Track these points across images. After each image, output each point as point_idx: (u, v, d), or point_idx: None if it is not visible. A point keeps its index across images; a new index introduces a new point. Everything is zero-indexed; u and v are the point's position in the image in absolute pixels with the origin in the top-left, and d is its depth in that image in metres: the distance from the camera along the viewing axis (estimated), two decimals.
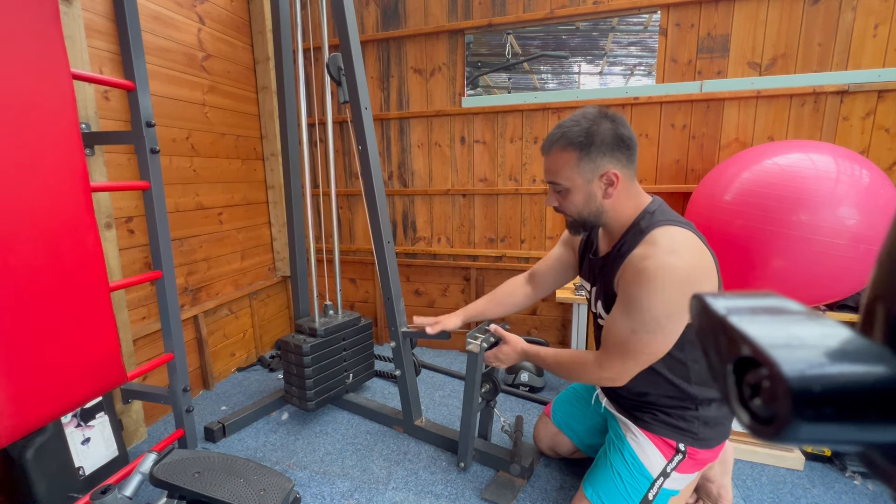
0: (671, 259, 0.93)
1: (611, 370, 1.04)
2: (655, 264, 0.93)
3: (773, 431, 0.17)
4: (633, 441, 1.16)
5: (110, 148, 1.64)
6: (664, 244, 0.95)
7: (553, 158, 1.04)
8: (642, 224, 1.02)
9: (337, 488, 1.49)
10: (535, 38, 2.21)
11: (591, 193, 1.03)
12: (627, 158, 1.01)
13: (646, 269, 0.94)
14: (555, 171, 1.04)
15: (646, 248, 0.97)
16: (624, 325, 0.99)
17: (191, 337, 2.08)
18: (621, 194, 1.03)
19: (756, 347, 0.18)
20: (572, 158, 1.00)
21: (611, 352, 1.03)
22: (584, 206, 1.04)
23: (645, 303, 0.95)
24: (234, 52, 2.30)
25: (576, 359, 1.13)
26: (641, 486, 1.12)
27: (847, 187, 1.39)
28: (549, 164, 1.05)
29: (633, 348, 0.99)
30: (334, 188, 1.90)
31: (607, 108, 1.05)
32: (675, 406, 1.10)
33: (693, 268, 0.94)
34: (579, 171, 1.01)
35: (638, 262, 0.96)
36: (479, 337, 1.42)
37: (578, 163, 1.00)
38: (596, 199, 1.03)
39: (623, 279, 1.01)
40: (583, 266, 1.28)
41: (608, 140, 0.99)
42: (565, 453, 1.51)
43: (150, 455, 1.20)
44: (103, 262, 1.18)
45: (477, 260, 2.47)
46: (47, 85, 1.04)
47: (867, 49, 1.80)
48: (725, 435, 1.13)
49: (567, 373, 1.15)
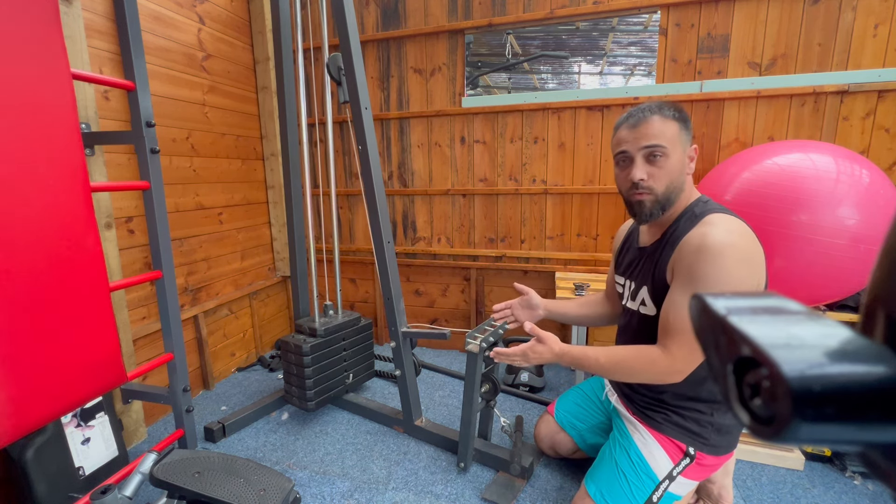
0: (733, 238, 0.94)
1: (682, 360, 0.97)
2: (719, 240, 0.94)
3: (773, 431, 0.17)
4: (641, 441, 1.15)
5: (110, 148, 1.64)
6: (722, 226, 0.97)
7: (655, 124, 1.03)
8: (696, 210, 1.05)
9: (337, 488, 1.49)
10: (535, 38, 2.21)
11: (683, 164, 1.05)
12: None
13: (709, 245, 0.94)
14: (658, 133, 1.03)
15: (704, 229, 0.98)
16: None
17: (191, 337, 2.08)
18: (689, 177, 1.08)
19: (756, 347, 0.18)
20: (675, 127, 1.03)
21: (680, 338, 0.97)
22: (677, 174, 1.04)
23: (712, 278, 0.92)
24: (234, 52, 2.30)
25: (641, 355, 1.03)
26: (646, 488, 1.11)
27: (847, 187, 1.39)
28: (649, 129, 1.03)
29: None
30: (334, 188, 1.90)
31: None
32: (690, 409, 1.09)
33: (753, 249, 0.96)
34: (680, 141, 1.04)
35: (699, 240, 0.96)
36: (479, 336, 1.41)
37: (680, 133, 1.04)
38: (683, 172, 1.06)
39: (681, 260, 0.99)
40: (620, 263, 1.26)
41: (689, 122, 1.06)
42: (565, 453, 1.51)
43: (150, 455, 1.20)
44: (103, 262, 1.17)
45: (477, 260, 2.47)
46: (47, 85, 1.04)
47: (867, 49, 1.79)
48: (735, 444, 1.13)
49: (629, 373, 1.05)
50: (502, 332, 1.50)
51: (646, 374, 1.03)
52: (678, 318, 0.98)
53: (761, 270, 0.97)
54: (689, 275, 0.96)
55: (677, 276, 1.00)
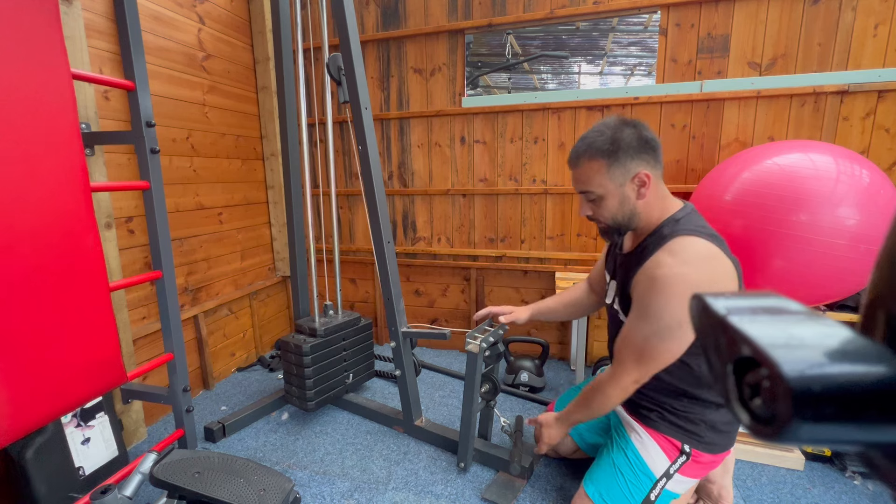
0: (685, 269, 0.95)
1: (626, 377, 1.05)
2: (668, 273, 0.95)
3: (773, 431, 0.17)
4: (637, 440, 1.16)
5: (110, 148, 1.64)
6: (680, 254, 0.97)
7: (582, 170, 1.06)
8: (665, 230, 1.04)
9: (337, 488, 1.49)
10: (535, 38, 2.21)
11: (624, 196, 1.04)
12: (654, 159, 1.03)
13: (658, 278, 0.97)
14: (585, 180, 1.05)
15: (661, 256, 0.99)
16: (638, 331, 1.01)
17: (191, 337, 2.08)
18: (652, 195, 1.05)
19: (756, 347, 0.18)
20: (602, 166, 1.02)
21: (626, 359, 1.05)
22: (618, 210, 1.05)
23: (656, 310, 0.97)
24: (234, 52, 2.30)
25: (594, 385, 1.14)
26: (644, 486, 1.12)
27: (847, 187, 1.39)
28: (579, 175, 1.07)
29: (646, 354, 1.01)
30: (334, 188, 1.90)
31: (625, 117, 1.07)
32: (682, 407, 1.10)
33: (707, 279, 0.95)
34: (610, 177, 1.03)
35: (652, 270, 0.99)
36: (479, 337, 1.42)
37: (608, 169, 1.02)
38: (630, 201, 1.05)
39: (638, 285, 1.03)
40: (608, 260, 1.30)
41: (633, 143, 1.01)
42: (566, 453, 1.51)
43: (150, 455, 1.20)
44: (103, 262, 1.17)
45: (477, 260, 2.47)
46: (47, 85, 1.04)
47: (867, 49, 1.79)
48: (731, 442, 1.13)
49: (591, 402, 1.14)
50: (502, 333, 1.51)
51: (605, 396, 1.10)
52: (626, 339, 1.05)
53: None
54: (640, 303, 1.02)
55: (633, 301, 1.06)
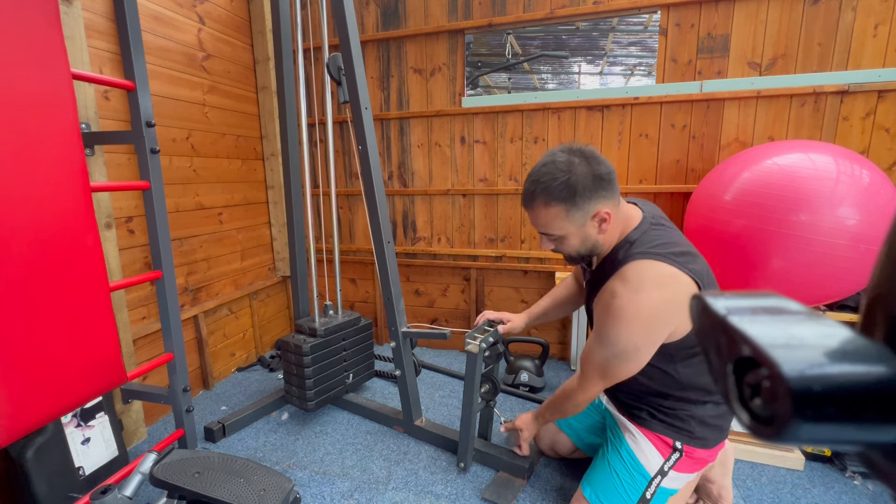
0: (636, 297, 0.97)
1: (593, 389, 1.11)
2: (621, 303, 0.98)
3: (773, 431, 0.17)
4: (631, 440, 1.17)
5: (110, 148, 1.64)
6: (632, 281, 0.98)
7: (538, 213, 1.05)
8: (620, 255, 1.05)
9: (337, 488, 1.49)
10: (535, 38, 2.21)
11: (585, 235, 1.05)
12: (611, 191, 1.02)
13: (612, 307, 1.00)
14: (544, 223, 1.05)
15: (615, 284, 1.01)
16: (599, 352, 1.06)
17: (191, 337, 2.08)
18: (612, 225, 1.05)
19: (756, 347, 0.18)
20: (560, 211, 1.01)
21: (590, 374, 1.10)
22: (581, 246, 1.07)
23: (613, 337, 1.01)
24: (234, 52, 2.30)
25: (563, 391, 1.21)
26: (639, 485, 1.13)
27: (847, 187, 1.39)
28: (536, 218, 1.06)
29: (608, 372, 1.07)
30: (334, 188, 1.90)
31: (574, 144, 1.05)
32: (669, 405, 1.11)
33: (658, 304, 0.97)
34: (570, 221, 1.02)
35: (607, 299, 1.02)
36: (479, 337, 1.42)
37: (567, 214, 1.01)
38: (591, 237, 1.06)
39: (597, 308, 1.08)
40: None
41: (588, 184, 0.99)
42: (565, 453, 1.51)
43: (150, 455, 1.20)
44: (103, 262, 1.17)
45: (477, 260, 2.47)
46: (47, 85, 1.04)
47: (867, 49, 1.79)
48: (723, 436, 1.14)
49: (561, 407, 1.22)
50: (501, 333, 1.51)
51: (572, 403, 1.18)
52: (589, 357, 1.10)
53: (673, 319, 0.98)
54: (599, 328, 1.07)
55: (594, 322, 1.12)
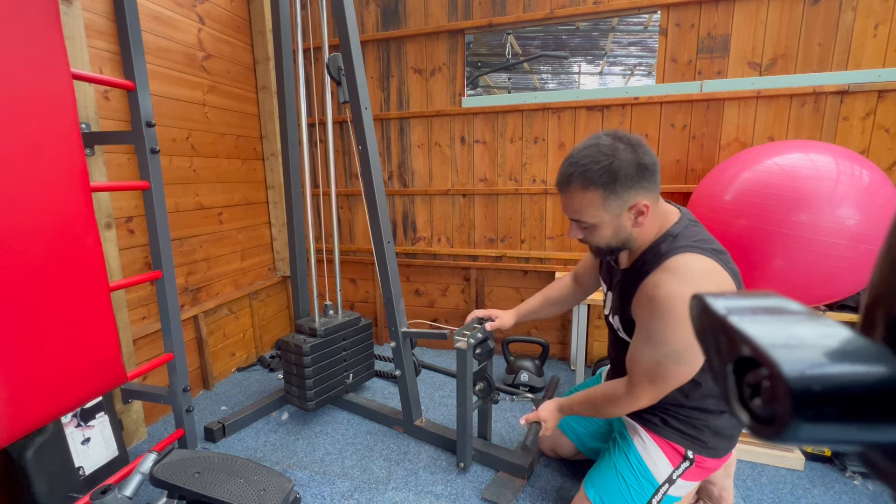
0: (683, 288, 0.90)
1: (643, 398, 1.02)
2: (668, 293, 0.91)
3: (773, 431, 0.17)
4: (641, 445, 1.14)
5: (110, 148, 1.64)
6: (678, 272, 0.92)
7: (573, 198, 0.97)
8: (663, 247, 0.99)
9: (337, 488, 1.49)
10: (535, 38, 2.21)
11: (620, 226, 0.98)
12: (653, 184, 0.96)
13: (657, 299, 0.92)
14: (577, 209, 0.98)
15: (659, 276, 0.94)
16: (648, 355, 0.97)
17: (191, 337, 2.08)
18: (649, 219, 0.99)
19: (756, 347, 0.18)
20: (597, 198, 0.94)
21: (639, 381, 1.01)
22: (612, 237, 1.00)
23: (661, 335, 0.94)
24: (234, 52, 2.30)
25: (606, 395, 1.10)
26: (646, 492, 1.11)
27: (847, 187, 1.39)
28: (570, 203, 0.99)
29: (660, 377, 0.97)
30: (334, 188, 1.90)
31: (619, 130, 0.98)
32: (686, 414, 1.09)
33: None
34: (606, 209, 0.95)
35: (651, 290, 0.94)
36: (467, 334, 1.42)
37: (604, 202, 0.94)
38: (625, 230, 0.99)
39: (639, 307, 0.99)
40: (603, 267, 1.25)
41: (631, 172, 0.92)
42: (566, 455, 1.51)
43: (150, 455, 1.20)
44: (103, 262, 1.18)
45: (477, 260, 2.47)
46: (47, 85, 1.04)
47: (867, 49, 1.79)
48: (733, 445, 1.13)
49: (601, 411, 1.12)
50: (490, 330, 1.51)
51: (615, 410, 1.09)
52: (637, 363, 1.01)
53: None
54: (644, 325, 0.99)
55: (637, 322, 1.02)
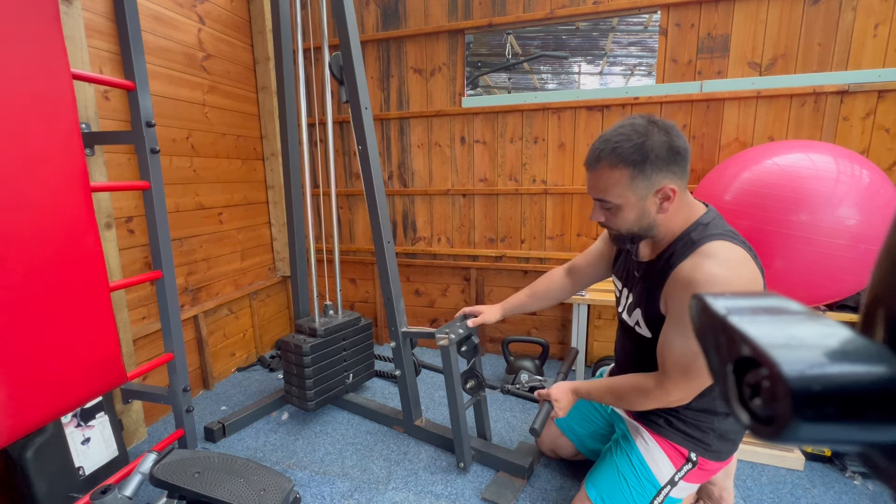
0: (724, 272, 0.88)
1: (676, 392, 0.98)
2: (707, 276, 0.88)
3: (773, 431, 0.17)
4: (643, 447, 1.13)
5: (110, 148, 1.64)
6: (718, 257, 0.90)
7: (601, 175, 0.96)
8: (694, 235, 0.96)
9: (337, 488, 1.49)
10: (535, 38, 2.21)
11: (644, 210, 0.96)
12: (682, 170, 0.94)
13: (697, 282, 0.89)
14: (603, 188, 0.96)
15: (696, 260, 0.92)
16: (683, 345, 0.93)
17: (191, 337, 2.08)
18: (675, 207, 0.97)
19: (756, 347, 0.18)
20: (624, 176, 0.93)
21: (673, 375, 0.97)
22: (635, 222, 0.98)
23: None
24: (234, 52, 2.30)
25: (636, 386, 1.06)
26: (648, 493, 1.11)
27: (847, 187, 1.39)
28: (596, 181, 0.97)
29: (696, 369, 0.92)
30: (334, 188, 1.90)
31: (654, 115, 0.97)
32: (691, 416, 1.08)
33: (746, 283, 0.89)
34: (632, 189, 0.94)
35: (689, 274, 0.91)
36: (448, 332, 1.43)
37: (631, 181, 0.93)
38: (649, 215, 0.97)
39: (673, 295, 0.95)
40: (617, 264, 1.23)
41: (663, 154, 0.91)
42: (566, 455, 1.51)
43: (150, 455, 1.20)
44: (103, 262, 1.17)
45: (477, 260, 2.47)
46: (47, 85, 1.04)
47: (867, 49, 1.79)
48: (735, 449, 1.12)
49: (626, 402, 1.08)
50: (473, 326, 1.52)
51: (643, 404, 1.05)
52: (670, 355, 0.97)
53: None
54: (678, 314, 0.95)
55: (670, 311, 0.98)
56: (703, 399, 1.05)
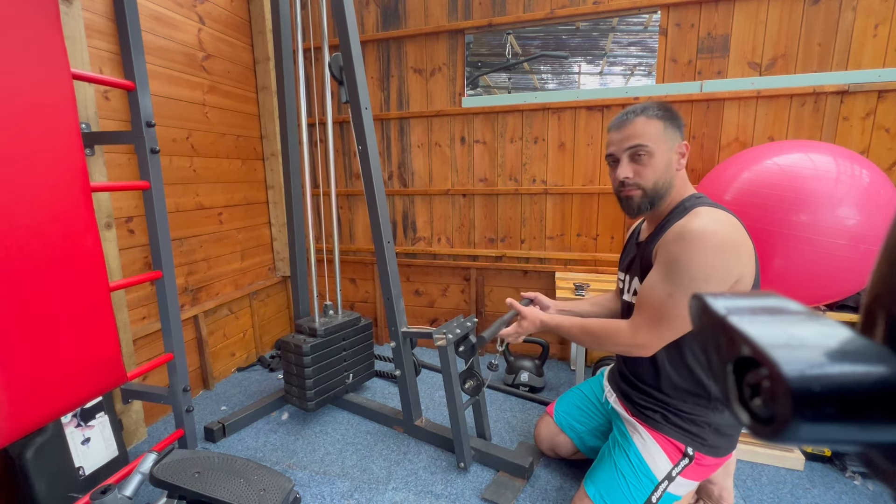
0: (714, 225, 0.96)
1: (643, 335, 1.04)
2: (698, 226, 0.96)
3: (772, 431, 0.17)
4: (640, 443, 1.15)
5: (110, 148, 1.64)
6: (710, 216, 0.99)
7: (637, 125, 1.07)
8: (687, 203, 1.07)
9: (337, 488, 1.49)
10: (535, 38, 2.21)
11: (669, 162, 1.07)
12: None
13: (688, 231, 0.97)
14: (641, 133, 1.06)
15: (688, 218, 1.01)
16: (661, 287, 1.00)
17: (191, 337, 2.08)
18: (682, 173, 1.09)
19: (756, 347, 0.18)
20: (658, 126, 1.06)
21: (645, 316, 1.03)
22: (662, 173, 1.06)
23: (684, 263, 0.96)
24: (234, 52, 2.30)
25: (607, 327, 1.12)
26: (645, 489, 1.11)
27: (847, 187, 1.39)
28: (633, 131, 1.07)
29: (667, 311, 0.98)
30: (334, 188, 1.90)
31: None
32: (686, 409, 1.09)
33: (735, 238, 0.96)
34: (664, 139, 1.06)
35: (681, 227, 1.00)
36: (445, 332, 1.43)
37: (664, 131, 1.06)
38: (672, 168, 1.07)
39: (663, 245, 1.03)
40: (623, 260, 1.28)
41: (678, 119, 1.08)
42: (565, 454, 1.51)
43: (150, 455, 1.20)
44: (103, 262, 1.18)
45: (477, 260, 2.47)
46: (47, 85, 1.04)
47: (867, 49, 1.79)
48: (733, 445, 1.13)
49: (596, 341, 1.14)
50: (470, 325, 1.52)
51: (611, 345, 1.10)
52: (647, 297, 1.03)
53: (744, 260, 0.97)
54: (667, 258, 1.01)
55: (657, 259, 1.05)
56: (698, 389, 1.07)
